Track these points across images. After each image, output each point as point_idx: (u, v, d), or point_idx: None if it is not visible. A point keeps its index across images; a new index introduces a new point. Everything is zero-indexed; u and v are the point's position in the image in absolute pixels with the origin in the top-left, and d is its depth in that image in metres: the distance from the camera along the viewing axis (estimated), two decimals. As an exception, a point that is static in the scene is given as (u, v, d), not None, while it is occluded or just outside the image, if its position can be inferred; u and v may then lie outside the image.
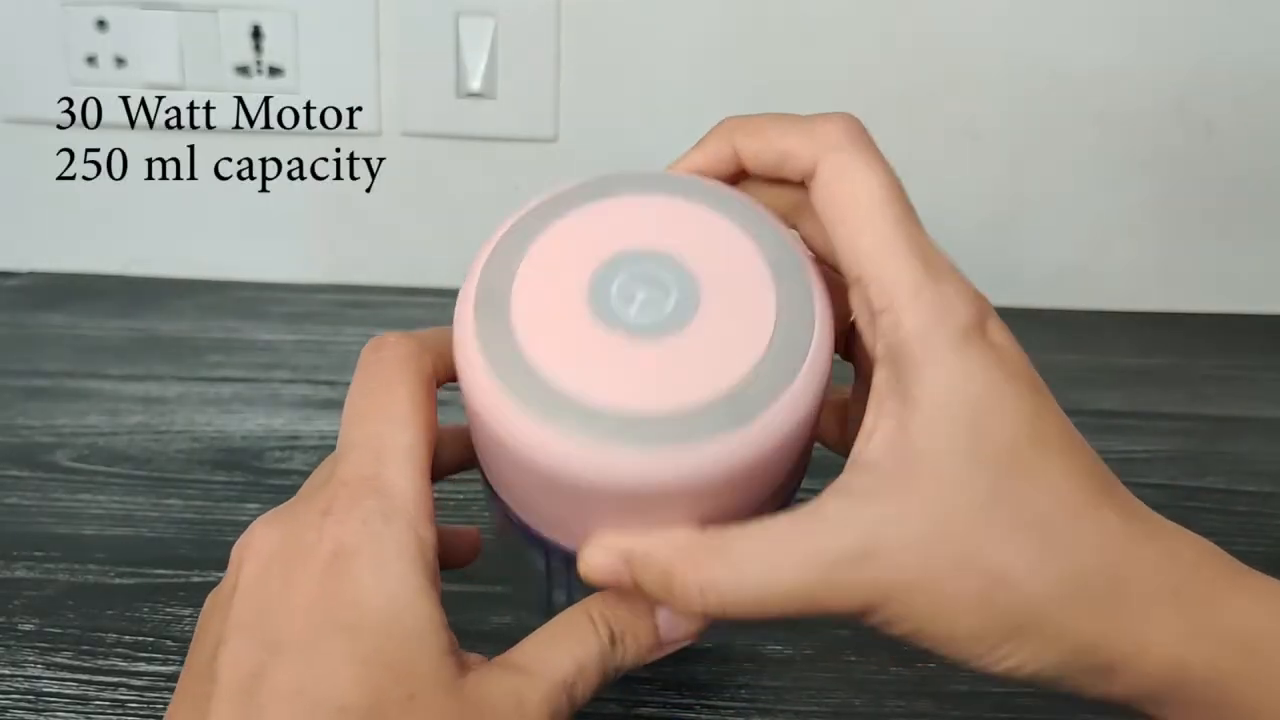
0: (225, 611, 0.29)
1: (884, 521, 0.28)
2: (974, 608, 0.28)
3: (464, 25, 0.75)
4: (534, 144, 0.78)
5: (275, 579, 0.29)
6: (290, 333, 0.71)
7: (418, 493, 0.31)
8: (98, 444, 0.55)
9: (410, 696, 0.27)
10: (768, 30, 0.75)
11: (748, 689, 0.38)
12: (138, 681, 0.37)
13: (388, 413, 0.32)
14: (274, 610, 0.29)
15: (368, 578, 0.29)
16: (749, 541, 0.29)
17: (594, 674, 0.31)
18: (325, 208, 0.80)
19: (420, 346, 0.34)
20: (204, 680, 0.28)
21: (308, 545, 0.29)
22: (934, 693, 0.38)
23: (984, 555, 0.27)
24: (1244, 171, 0.77)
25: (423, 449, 0.32)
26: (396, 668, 0.28)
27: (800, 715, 0.37)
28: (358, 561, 0.29)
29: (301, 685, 0.27)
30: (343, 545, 0.29)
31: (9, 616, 0.41)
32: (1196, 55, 0.74)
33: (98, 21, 0.75)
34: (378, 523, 0.30)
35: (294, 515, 0.31)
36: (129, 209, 0.80)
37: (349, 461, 0.31)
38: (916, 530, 0.27)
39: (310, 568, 0.29)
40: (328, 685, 0.27)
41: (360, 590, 0.29)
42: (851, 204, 0.29)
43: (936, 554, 0.27)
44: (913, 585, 0.28)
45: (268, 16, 0.75)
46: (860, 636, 0.41)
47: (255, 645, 0.28)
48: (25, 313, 0.74)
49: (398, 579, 0.29)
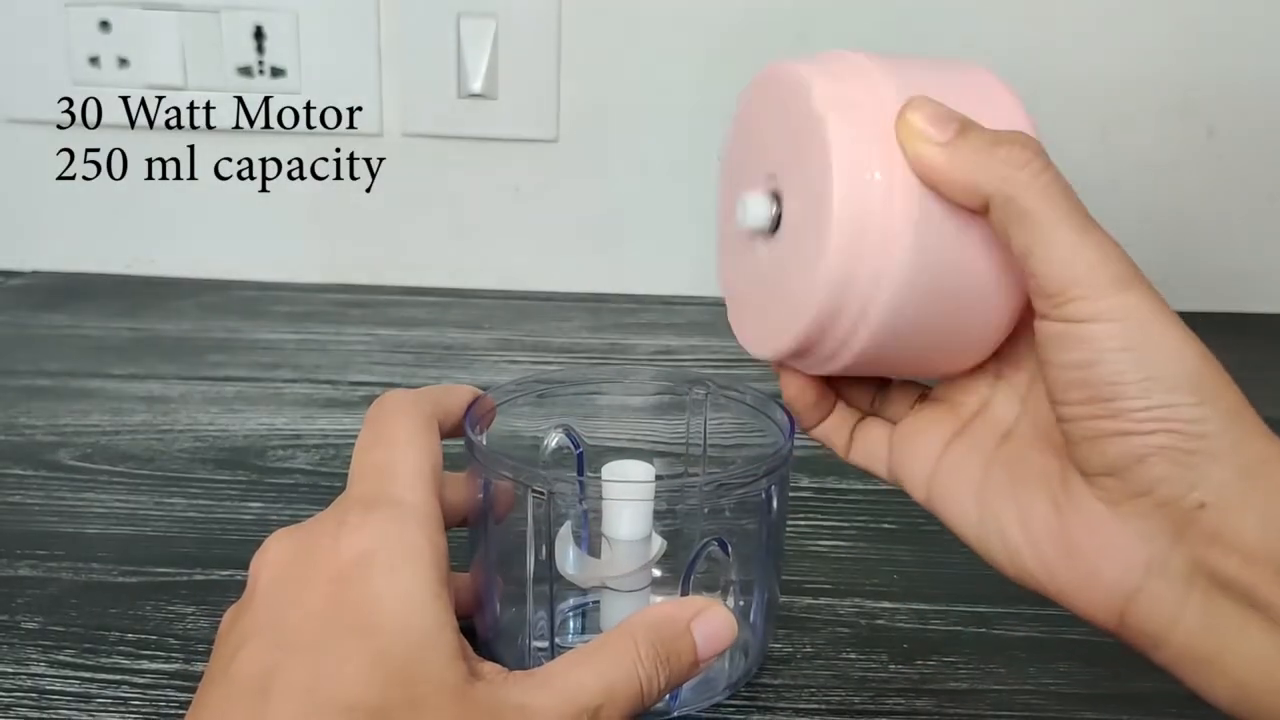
0: (243, 620, 0.30)
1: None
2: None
3: (465, 26, 0.75)
4: (534, 144, 0.78)
5: (291, 585, 0.30)
6: (292, 332, 0.71)
7: (426, 503, 0.32)
8: (100, 443, 0.55)
9: (417, 699, 0.28)
10: (767, 30, 0.75)
11: (748, 687, 0.38)
12: (140, 679, 0.38)
13: (392, 442, 0.34)
14: (289, 614, 0.29)
15: (380, 580, 0.30)
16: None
17: (626, 698, 0.30)
18: (326, 208, 0.80)
19: (418, 395, 0.36)
20: (220, 684, 0.29)
21: (323, 552, 0.31)
22: (933, 690, 0.38)
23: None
24: (1244, 173, 0.77)
25: (428, 469, 0.33)
26: (405, 670, 0.28)
27: (800, 714, 0.37)
28: (371, 566, 0.30)
29: (311, 684, 0.27)
30: (357, 551, 0.30)
31: (12, 615, 0.41)
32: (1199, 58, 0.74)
33: (100, 22, 0.75)
34: (391, 528, 0.31)
35: (309, 529, 0.32)
36: (131, 209, 0.80)
37: (359, 484, 0.33)
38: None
39: (325, 572, 0.30)
40: (337, 684, 0.27)
41: (372, 593, 0.29)
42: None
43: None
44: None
45: (270, 17, 0.75)
46: (860, 634, 0.42)
47: (270, 647, 0.29)
48: (28, 313, 0.74)
49: (409, 582, 0.30)
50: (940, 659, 0.40)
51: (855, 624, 0.42)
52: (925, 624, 0.42)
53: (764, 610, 0.38)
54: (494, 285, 0.81)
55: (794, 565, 0.44)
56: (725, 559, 0.36)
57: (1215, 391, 0.28)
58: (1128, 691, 0.38)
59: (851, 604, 0.43)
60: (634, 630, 0.31)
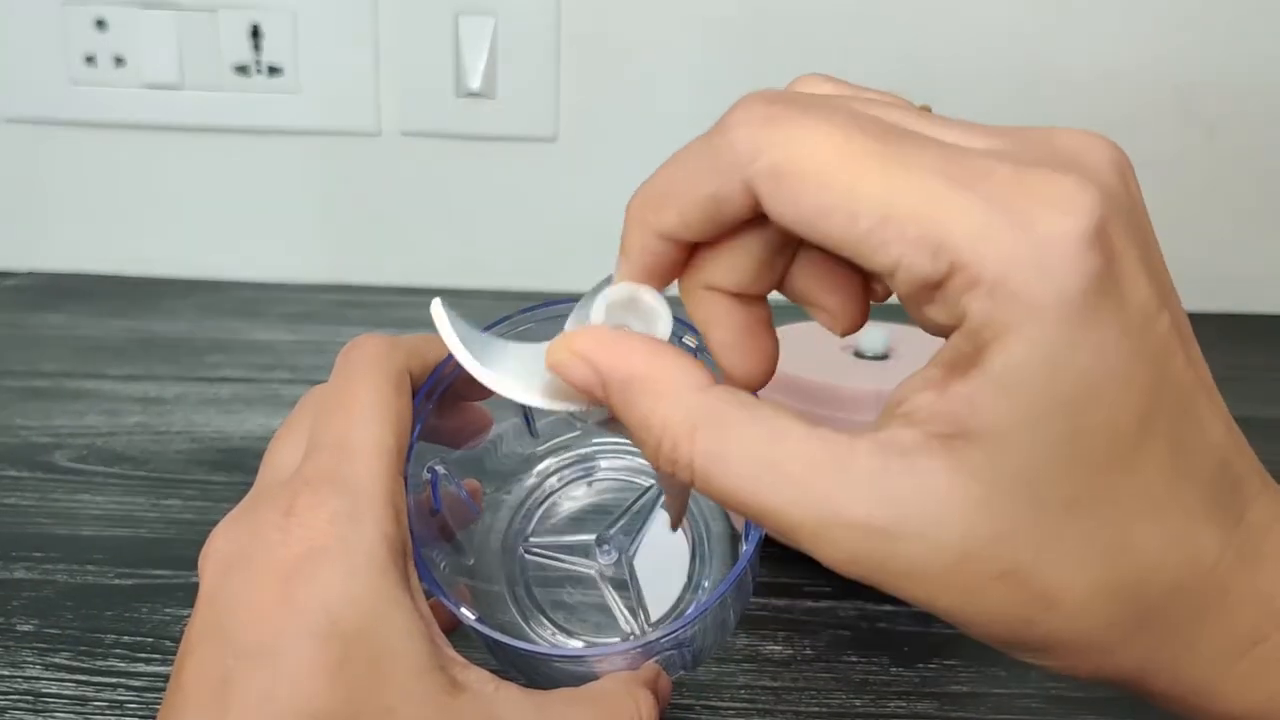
0: (192, 623, 0.28)
1: (918, 497, 0.22)
2: (1006, 621, 0.23)
3: (464, 25, 0.75)
4: (534, 144, 0.78)
5: (238, 582, 0.28)
6: (289, 333, 0.71)
7: (385, 489, 0.29)
8: (96, 444, 0.55)
9: (388, 709, 0.26)
10: (767, 30, 0.75)
11: (748, 689, 0.38)
12: (136, 682, 0.37)
13: (353, 409, 0.30)
14: (238, 615, 0.27)
15: (336, 583, 0.27)
16: (753, 440, 0.23)
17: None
18: (324, 207, 0.80)
19: (392, 346, 0.32)
20: (174, 693, 0.27)
21: (271, 546, 0.28)
22: (934, 693, 0.38)
23: (1033, 569, 0.22)
24: (1244, 173, 0.77)
25: (390, 442, 0.30)
26: (369, 678, 0.26)
27: (800, 715, 0.37)
28: (325, 565, 0.27)
29: (270, 692, 0.26)
30: (309, 547, 0.27)
31: (8, 617, 0.40)
32: (1199, 57, 0.74)
33: (97, 21, 0.75)
34: (344, 524, 0.28)
35: (255, 516, 0.29)
36: (127, 209, 0.80)
37: (313, 460, 0.29)
38: (957, 521, 0.22)
39: (275, 570, 0.27)
40: (297, 692, 0.26)
41: (329, 595, 0.27)
42: (816, 187, 0.22)
43: (974, 551, 0.22)
44: (935, 582, 0.22)
45: (267, 16, 0.75)
46: (861, 636, 0.41)
47: (221, 652, 0.27)
48: (24, 313, 0.74)
49: (366, 586, 0.27)
50: (941, 662, 0.40)
51: (856, 626, 0.42)
52: (927, 627, 0.42)
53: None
54: (493, 285, 0.80)
55: (794, 567, 0.44)
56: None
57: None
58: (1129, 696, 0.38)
59: (852, 606, 0.43)
60: (634, 688, 0.30)
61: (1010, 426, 0.21)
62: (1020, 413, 0.21)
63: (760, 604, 0.43)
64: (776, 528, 0.24)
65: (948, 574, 0.22)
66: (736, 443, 0.23)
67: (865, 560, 0.23)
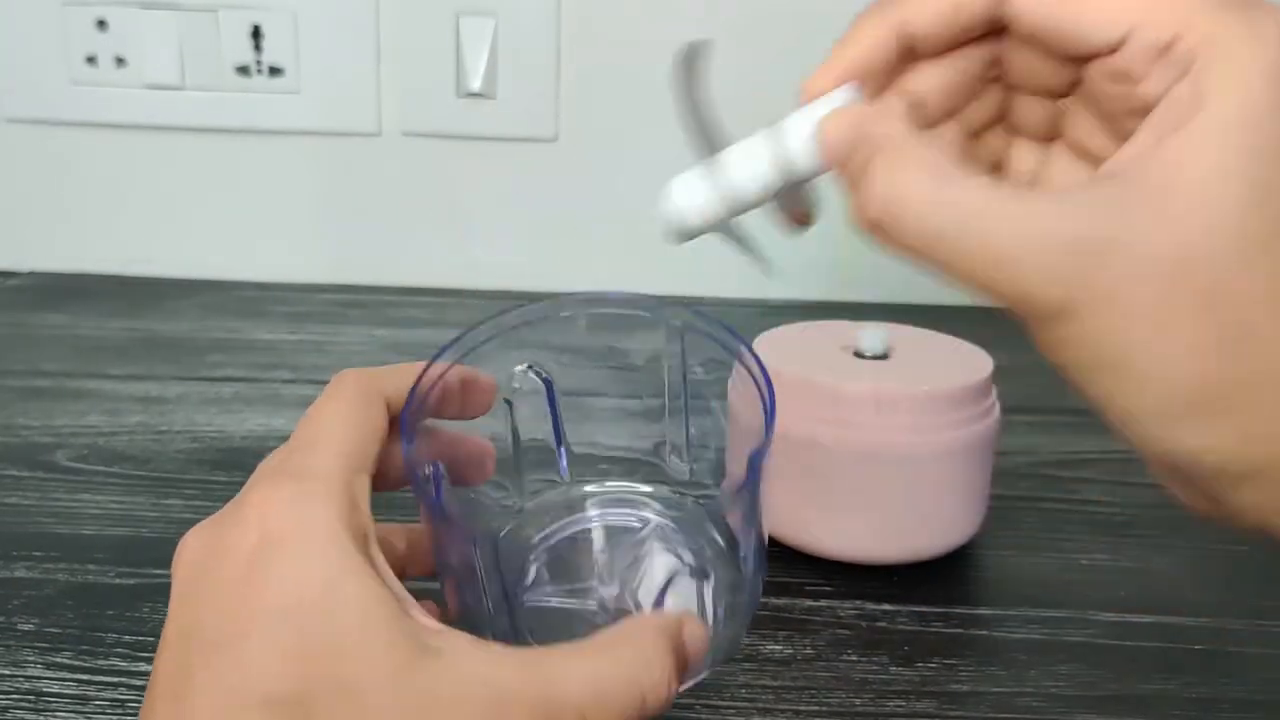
0: (165, 628, 0.28)
1: (1126, 225, 0.25)
2: (1202, 351, 0.25)
3: (464, 25, 0.75)
4: (534, 144, 0.78)
5: (203, 582, 0.28)
6: (290, 332, 0.71)
7: (342, 479, 0.29)
8: (97, 444, 0.55)
9: (343, 685, 0.26)
10: (767, 30, 0.75)
11: (748, 689, 0.38)
12: (138, 681, 0.37)
13: (318, 418, 0.32)
14: (202, 613, 0.27)
15: (293, 564, 0.27)
16: (975, 187, 0.27)
17: (621, 706, 0.27)
18: (324, 207, 0.80)
19: (369, 373, 0.34)
20: (148, 690, 0.27)
21: (232, 541, 0.28)
22: (934, 693, 0.38)
23: (1232, 296, 0.24)
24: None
25: (355, 443, 0.31)
26: (327, 654, 0.26)
27: (800, 715, 0.37)
28: (282, 548, 0.27)
29: (225, 679, 0.26)
30: (267, 533, 0.28)
31: (8, 616, 0.40)
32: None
33: (98, 21, 0.75)
34: (301, 506, 0.28)
35: (220, 519, 0.30)
36: (128, 209, 0.80)
37: (276, 458, 0.31)
38: (1162, 248, 0.24)
39: (235, 561, 0.28)
40: (252, 675, 0.26)
41: (285, 576, 0.27)
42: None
43: (1176, 282, 0.24)
44: (1132, 305, 0.25)
45: (268, 16, 0.75)
46: (861, 636, 0.41)
47: (187, 647, 0.27)
48: (25, 313, 0.74)
49: (324, 561, 0.27)
50: (941, 661, 0.40)
51: (856, 626, 0.42)
52: (926, 626, 0.42)
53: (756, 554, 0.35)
54: (493, 285, 0.80)
55: (794, 568, 0.44)
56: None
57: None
58: (1129, 694, 0.38)
59: (852, 606, 0.43)
60: (653, 639, 0.28)
61: (1221, 168, 0.25)
62: (1230, 156, 0.24)
63: (760, 603, 0.43)
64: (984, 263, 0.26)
65: (1156, 294, 0.25)
66: (960, 188, 0.27)
67: (1071, 278, 0.25)
